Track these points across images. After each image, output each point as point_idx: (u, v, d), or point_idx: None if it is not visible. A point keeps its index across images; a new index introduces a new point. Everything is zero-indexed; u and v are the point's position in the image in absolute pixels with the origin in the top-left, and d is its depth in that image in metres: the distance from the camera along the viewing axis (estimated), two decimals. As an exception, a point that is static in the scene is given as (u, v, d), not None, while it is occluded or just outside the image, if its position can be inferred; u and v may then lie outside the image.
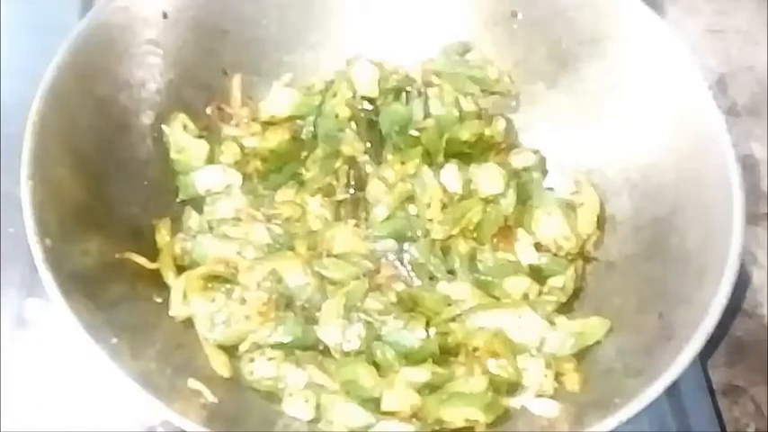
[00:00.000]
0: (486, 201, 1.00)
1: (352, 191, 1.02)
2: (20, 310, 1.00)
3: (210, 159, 1.02)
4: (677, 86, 0.94)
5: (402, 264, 0.98)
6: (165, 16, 0.98)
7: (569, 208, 1.01)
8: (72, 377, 0.96)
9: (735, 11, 1.35)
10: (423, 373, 0.88)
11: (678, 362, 0.79)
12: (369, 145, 1.05)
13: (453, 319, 0.93)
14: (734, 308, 1.10)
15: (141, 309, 0.90)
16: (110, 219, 0.91)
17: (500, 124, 1.07)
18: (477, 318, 0.92)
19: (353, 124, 1.06)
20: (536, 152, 1.06)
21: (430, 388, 0.88)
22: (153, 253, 0.94)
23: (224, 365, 0.89)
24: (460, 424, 0.86)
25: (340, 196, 1.01)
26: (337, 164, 1.03)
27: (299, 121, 1.07)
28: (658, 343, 0.84)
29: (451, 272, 0.97)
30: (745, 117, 1.27)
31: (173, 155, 1.01)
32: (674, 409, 0.98)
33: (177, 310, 0.91)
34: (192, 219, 0.99)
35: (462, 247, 0.98)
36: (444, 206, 1.00)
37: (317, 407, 0.87)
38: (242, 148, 1.04)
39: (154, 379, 0.80)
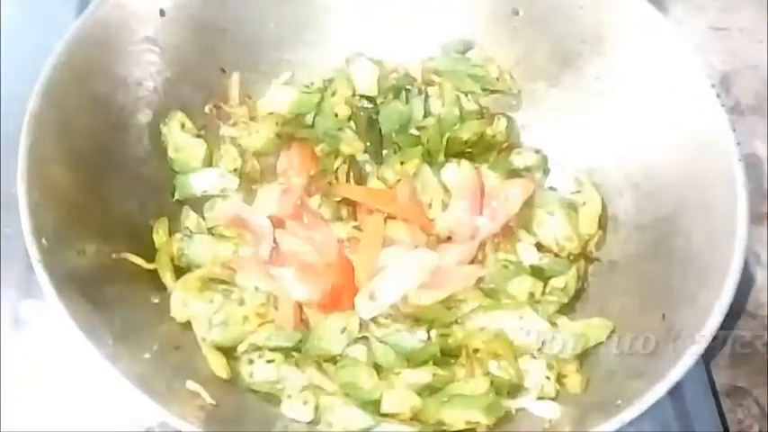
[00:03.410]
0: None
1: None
2: (16, 311, 0.99)
3: (209, 161, 1.02)
4: (680, 85, 0.94)
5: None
6: (162, 14, 0.98)
7: (571, 208, 1.00)
8: (69, 378, 0.95)
9: (739, 9, 1.35)
10: (423, 375, 0.87)
11: (681, 363, 0.78)
12: (368, 144, 1.04)
13: (455, 321, 0.92)
14: (737, 308, 1.09)
15: (138, 310, 0.89)
16: (106, 218, 0.91)
17: (501, 123, 1.06)
18: (478, 319, 0.91)
19: (353, 123, 1.05)
20: (537, 152, 1.05)
21: (430, 390, 0.87)
22: (150, 253, 0.94)
23: (222, 367, 0.88)
24: (461, 426, 0.85)
25: (339, 196, 1.00)
26: (337, 163, 1.02)
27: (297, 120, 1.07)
28: (661, 344, 0.83)
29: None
30: (749, 115, 1.26)
31: (170, 154, 1.00)
32: (677, 411, 0.97)
33: (178, 313, 0.91)
34: (190, 219, 0.99)
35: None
36: (445, 206, 0.99)
37: (317, 408, 0.86)
38: (241, 153, 1.03)
39: (151, 381, 0.79)
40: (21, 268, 0.99)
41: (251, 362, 0.89)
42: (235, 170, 1.02)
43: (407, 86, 1.06)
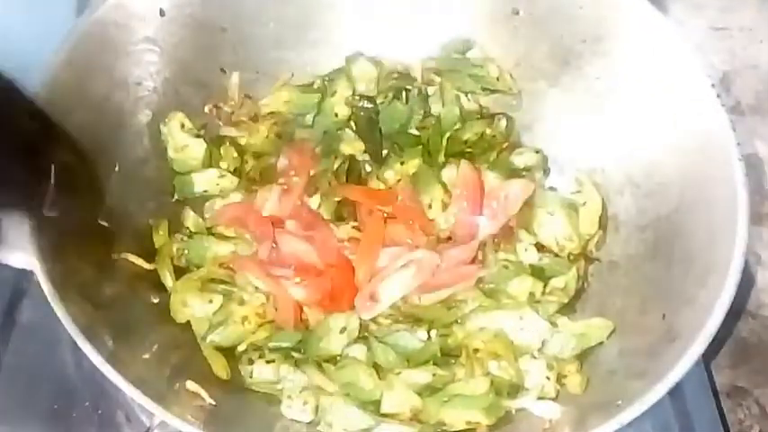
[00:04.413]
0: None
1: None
2: (15, 311, 0.99)
3: (209, 161, 1.02)
4: (680, 84, 0.93)
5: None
6: (162, 13, 0.97)
7: (571, 208, 1.00)
8: (67, 378, 0.95)
9: (739, 8, 1.35)
10: (423, 375, 0.87)
11: (681, 363, 0.78)
12: (368, 144, 1.04)
13: (455, 321, 0.92)
14: (738, 308, 1.09)
15: (138, 310, 0.89)
16: (106, 218, 0.90)
17: (501, 123, 1.06)
18: (477, 319, 0.91)
19: (353, 123, 1.05)
20: (538, 151, 1.05)
21: (430, 390, 0.87)
22: (150, 253, 0.94)
23: (222, 367, 0.89)
24: (461, 426, 0.85)
25: (339, 196, 1.00)
26: (337, 163, 1.02)
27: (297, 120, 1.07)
28: (661, 344, 0.83)
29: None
30: (750, 115, 1.26)
31: (170, 154, 1.00)
32: (677, 412, 0.97)
33: (178, 313, 0.91)
34: (190, 219, 0.99)
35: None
36: (446, 206, 0.99)
37: (317, 409, 0.86)
38: (241, 153, 1.03)
39: (151, 381, 0.79)
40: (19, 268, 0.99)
41: (251, 362, 0.89)
42: (235, 170, 1.02)
43: (407, 86, 1.06)
